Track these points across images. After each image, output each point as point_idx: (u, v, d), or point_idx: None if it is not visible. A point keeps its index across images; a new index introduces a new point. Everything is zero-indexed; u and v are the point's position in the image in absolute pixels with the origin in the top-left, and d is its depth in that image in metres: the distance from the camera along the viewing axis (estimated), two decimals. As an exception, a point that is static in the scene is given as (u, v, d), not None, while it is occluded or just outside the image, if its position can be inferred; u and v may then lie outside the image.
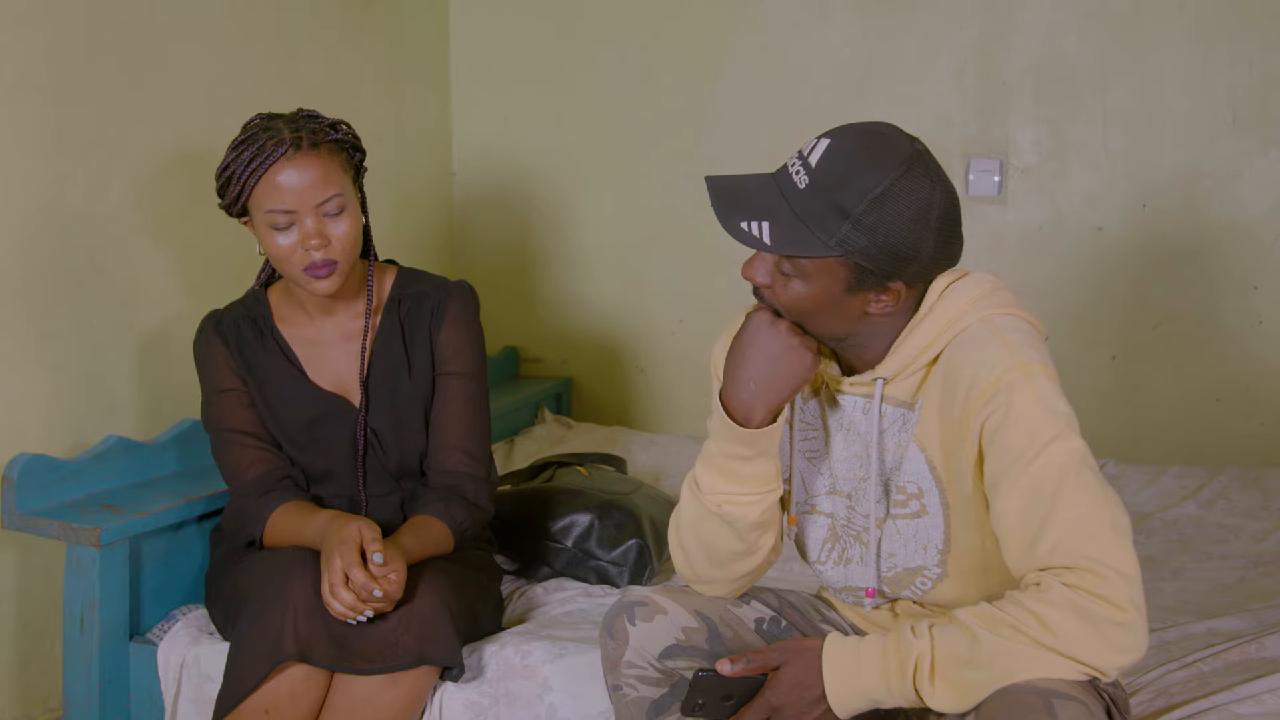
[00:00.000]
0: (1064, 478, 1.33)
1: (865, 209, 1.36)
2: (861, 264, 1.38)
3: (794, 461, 1.62)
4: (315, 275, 1.91)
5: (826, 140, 1.39)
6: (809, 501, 1.63)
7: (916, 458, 1.49)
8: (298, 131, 1.90)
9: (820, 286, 1.40)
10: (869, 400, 1.53)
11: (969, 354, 1.41)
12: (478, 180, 3.53)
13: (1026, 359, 1.38)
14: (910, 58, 3.13)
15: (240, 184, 1.90)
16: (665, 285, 3.40)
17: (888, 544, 1.55)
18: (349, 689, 1.81)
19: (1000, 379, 1.37)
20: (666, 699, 1.54)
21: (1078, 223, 3.07)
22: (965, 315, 1.44)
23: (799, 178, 1.39)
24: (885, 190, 1.36)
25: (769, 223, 1.38)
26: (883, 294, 1.42)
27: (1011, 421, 1.35)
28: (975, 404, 1.38)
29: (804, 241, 1.37)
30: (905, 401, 1.50)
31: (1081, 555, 1.30)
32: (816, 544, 1.63)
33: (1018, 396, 1.36)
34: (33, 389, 2.16)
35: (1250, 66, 2.90)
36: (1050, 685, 1.30)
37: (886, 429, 1.52)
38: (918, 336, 1.46)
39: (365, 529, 1.81)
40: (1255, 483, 2.79)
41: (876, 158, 1.37)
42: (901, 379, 1.49)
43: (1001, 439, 1.36)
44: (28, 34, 2.12)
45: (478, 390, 2.08)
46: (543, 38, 3.43)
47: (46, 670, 2.21)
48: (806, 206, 1.37)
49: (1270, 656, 1.88)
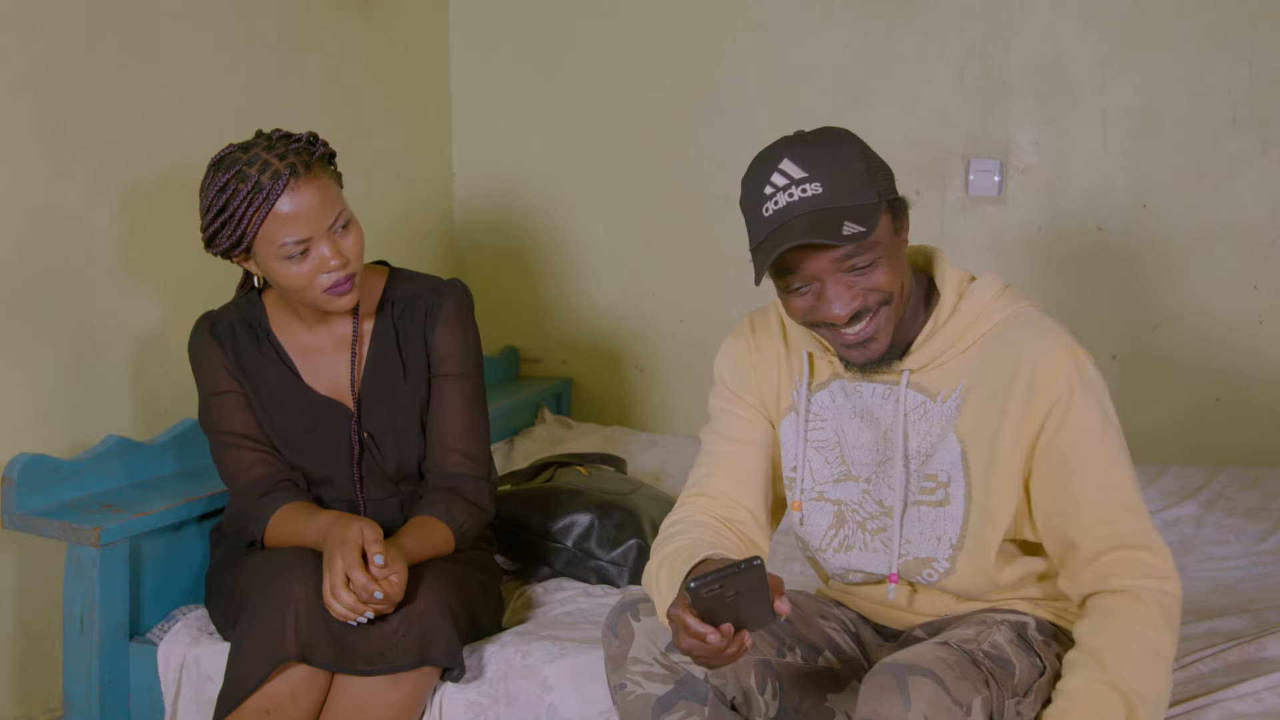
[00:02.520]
0: (1124, 460, 1.52)
1: (864, 159, 1.48)
2: (892, 198, 1.50)
3: (804, 451, 1.65)
4: (339, 293, 1.90)
5: (785, 161, 1.46)
6: (815, 489, 1.66)
7: (953, 447, 1.55)
8: (286, 157, 1.84)
9: (887, 242, 1.49)
10: (889, 387, 1.59)
11: (1020, 346, 1.52)
12: (478, 180, 3.53)
13: (1073, 345, 1.52)
14: (910, 58, 3.13)
15: (242, 224, 1.85)
16: (665, 285, 3.40)
17: (907, 530, 1.58)
18: (349, 689, 1.81)
19: (1061, 363, 1.49)
20: (672, 695, 1.54)
21: (1078, 223, 3.06)
22: (992, 311, 1.55)
23: (811, 189, 1.45)
24: (851, 144, 1.49)
25: (845, 220, 1.43)
26: (903, 217, 1.53)
27: (1076, 405, 1.49)
28: (1041, 389, 1.49)
29: (870, 212, 1.45)
30: (928, 390, 1.57)
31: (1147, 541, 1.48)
32: (820, 531, 1.66)
33: (1078, 381, 1.50)
34: (33, 389, 2.16)
35: (1250, 66, 2.90)
36: (910, 661, 1.37)
37: (910, 413, 1.57)
38: (947, 332, 1.55)
39: (367, 530, 1.81)
40: (1255, 483, 2.79)
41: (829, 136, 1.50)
42: (928, 370, 1.57)
43: (1071, 421, 1.49)
44: (27, 34, 2.12)
45: (475, 391, 2.08)
46: (543, 38, 3.43)
47: (46, 670, 2.21)
48: (842, 193, 1.45)
49: (1270, 656, 1.88)
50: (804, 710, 1.59)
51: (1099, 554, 1.48)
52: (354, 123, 3.02)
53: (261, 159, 1.84)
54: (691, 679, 1.54)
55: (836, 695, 1.61)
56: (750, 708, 1.58)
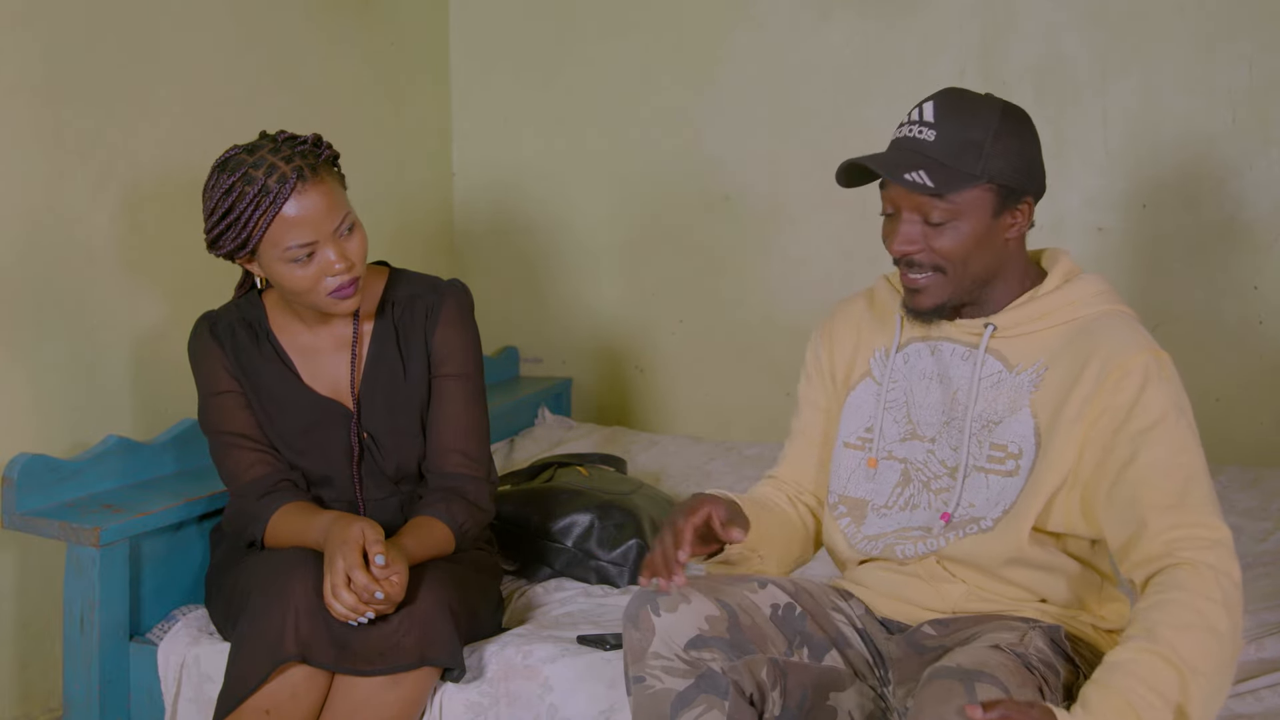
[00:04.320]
0: (1197, 450, 1.51)
1: (993, 138, 1.54)
2: (1004, 184, 1.55)
3: (880, 413, 1.71)
4: (342, 297, 1.90)
5: (929, 102, 1.58)
6: (885, 448, 1.71)
7: (1026, 420, 1.58)
8: (292, 160, 1.84)
9: (974, 219, 1.55)
10: (969, 350, 1.64)
11: (1108, 335, 1.57)
12: (478, 180, 3.53)
13: (1156, 346, 1.57)
14: (910, 58, 3.13)
15: (248, 228, 1.84)
16: (665, 285, 3.40)
17: (970, 494, 1.61)
18: (350, 690, 1.81)
19: (1140, 355, 1.53)
20: (692, 691, 1.53)
21: (1078, 223, 3.07)
22: (1092, 302, 1.61)
23: (925, 134, 1.56)
24: (1001, 120, 1.56)
25: (924, 170, 1.52)
26: (1018, 210, 1.58)
27: (1150, 392, 1.51)
28: (1114, 374, 1.52)
29: (959, 179, 1.53)
30: (1007, 359, 1.61)
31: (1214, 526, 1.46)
32: (887, 489, 1.70)
33: (1154, 373, 1.53)
34: (33, 389, 2.16)
35: (1250, 66, 2.90)
36: (974, 665, 1.36)
37: (984, 379, 1.61)
38: (1041, 304, 1.61)
39: (368, 530, 1.81)
40: (1255, 483, 2.79)
41: (982, 99, 1.59)
42: (1009, 337, 1.61)
43: (1142, 405, 1.51)
44: (27, 34, 2.12)
45: (475, 391, 2.08)
46: (543, 38, 3.44)
47: (46, 670, 2.21)
48: (945, 150, 1.54)
49: (1270, 657, 1.87)
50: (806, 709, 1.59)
51: (1163, 531, 1.47)
52: (354, 123, 3.02)
53: (268, 162, 1.83)
54: (712, 674, 1.54)
55: (839, 694, 1.61)
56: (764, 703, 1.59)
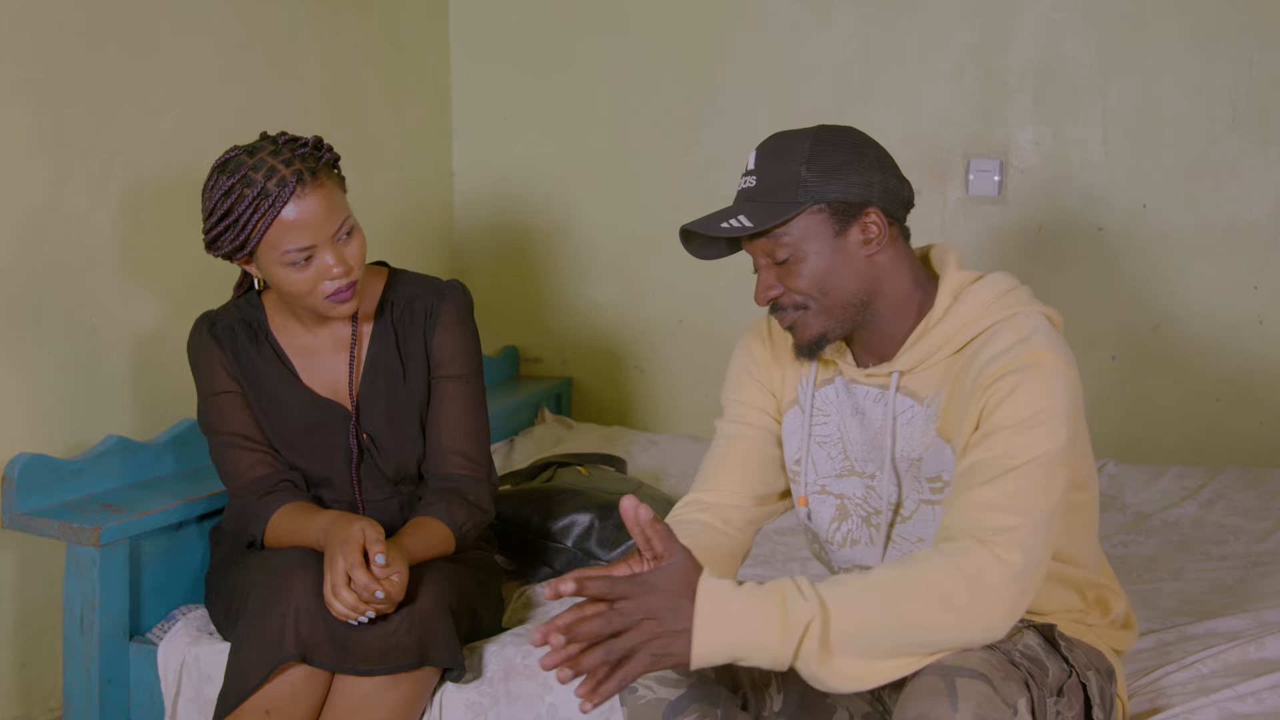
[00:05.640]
0: (1038, 461, 1.41)
1: (806, 162, 1.52)
2: (833, 200, 1.51)
3: (808, 445, 1.67)
4: (340, 300, 1.90)
5: (754, 151, 1.57)
6: (819, 483, 1.68)
7: (942, 449, 1.55)
8: (293, 164, 1.83)
9: (817, 244, 1.52)
10: (881, 391, 1.60)
11: (988, 348, 1.50)
12: (478, 180, 3.53)
13: (1037, 347, 1.46)
14: (910, 57, 3.13)
15: (246, 230, 1.83)
16: (665, 285, 3.40)
17: (919, 529, 1.59)
18: (350, 690, 1.81)
19: (1011, 363, 1.45)
20: (684, 699, 1.53)
21: (1078, 223, 3.06)
22: (982, 317, 1.53)
23: (749, 181, 1.55)
24: (813, 144, 1.53)
25: (743, 214, 1.52)
26: (868, 222, 1.53)
27: (1014, 398, 1.43)
28: (983, 383, 1.46)
29: (777, 210, 1.51)
30: (916, 394, 1.57)
31: (1012, 527, 1.37)
32: (824, 523, 1.68)
33: (1025, 378, 1.43)
34: (33, 389, 2.16)
35: (1250, 66, 2.90)
36: (956, 662, 1.35)
37: (899, 417, 1.58)
38: (936, 335, 1.55)
39: (369, 529, 1.81)
40: (1255, 483, 2.79)
41: (794, 134, 1.56)
42: (917, 373, 1.57)
43: (1001, 411, 1.43)
44: (26, 33, 2.12)
45: (475, 392, 2.07)
46: (543, 37, 3.43)
47: (46, 670, 2.21)
48: (764, 191, 1.53)
49: (1270, 657, 1.87)
50: (806, 705, 1.59)
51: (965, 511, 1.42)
52: (354, 123, 3.02)
53: (268, 164, 1.83)
54: (704, 683, 1.54)
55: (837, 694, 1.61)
56: (759, 703, 1.59)
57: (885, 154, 1.58)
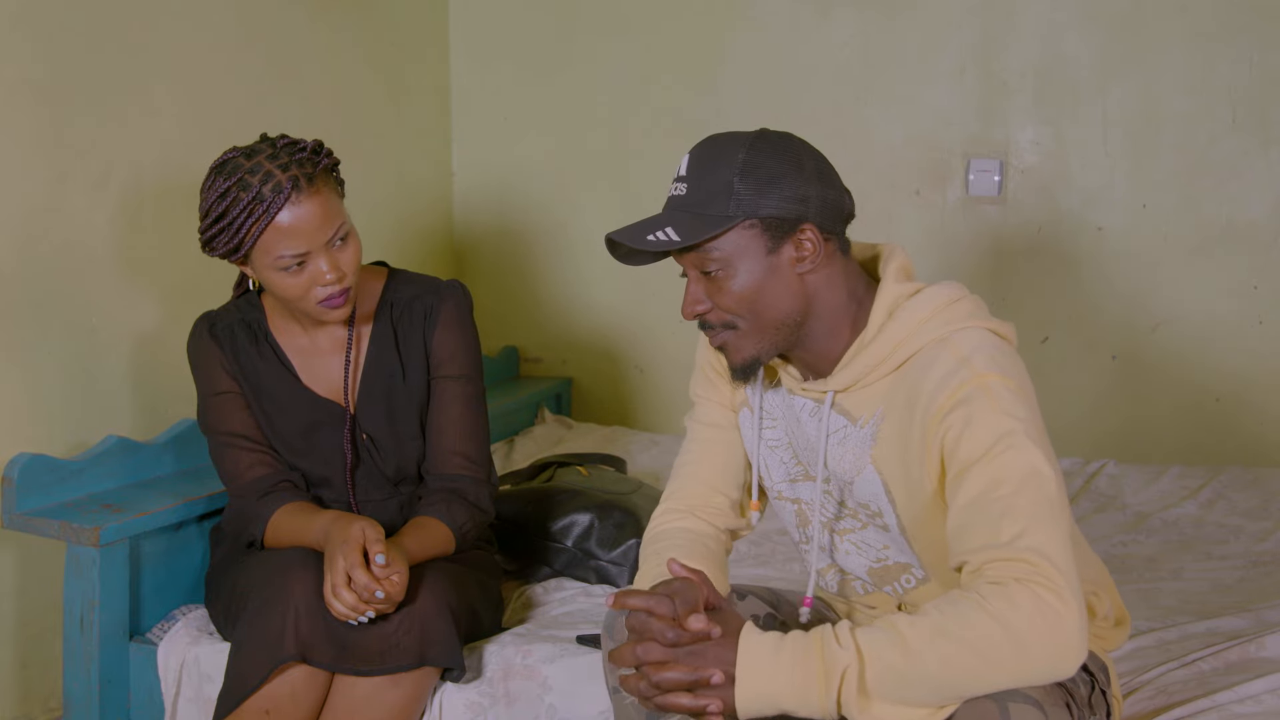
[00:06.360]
0: (1027, 479, 1.33)
1: (740, 173, 1.44)
2: (767, 216, 1.44)
3: (759, 449, 1.64)
4: (333, 306, 1.90)
5: (687, 155, 1.49)
6: (775, 488, 1.65)
7: (873, 479, 1.49)
8: (289, 169, 1.82)
9: (748, 261, 1.45)
10: (817, 405, 1.55)
11: (924, 376, 1.42)
12: (478, 180, 3.53)
13: (981, 369, 1.38)
14: (910, 57, 3.13)
15: (240, 233, 1.83)
16: (665, 285, 3.39)
17: (877, 537, 1.55)
18: (350, 690, 1.81)
19: (956, 393, 1.37)
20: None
21: (1078, 223, 3.07)
22: (918, 334, 1.45)
23: (680, 189, 1.48)
24: (748, 152, 1.45)
25: (670, 226, 1.44)
26: (802, 239, 1.45)
27: (971, 429, 1.35)
28: (934, 420, 1.39)
29: (707, 223, 1.44)
30: (850, 414, 1.51)
31: (1041, 554, 1.28)
32: (791, 528, 1.66)
33: (976, 407, 1.36)
34: (32, 389, 2.16)
35: (1250, 66, 2.90)
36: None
37: (831, 435, 1.53)
38: (868, 355, 1.47)
39: (369, 529, 1.81)
40: (1255, 483, 2.79)
41: (729, 139, 1.47)
42: (852, 392, 1.51)
43: (963, 446, 1.36)
44: (26, 33, 2.12)
45: (475, 392, 2.07)
46: (543, 37, 3.44)
47: (46, 670, 2.21)
48: (695, 201, 1.46)
49: (1270, 656, 1.88)
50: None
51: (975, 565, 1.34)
52: (354, 123, 3.02)
53: (264, 168, 1.82)
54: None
55: None
56: None
57: (825, 163, 1.49)
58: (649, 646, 1.32)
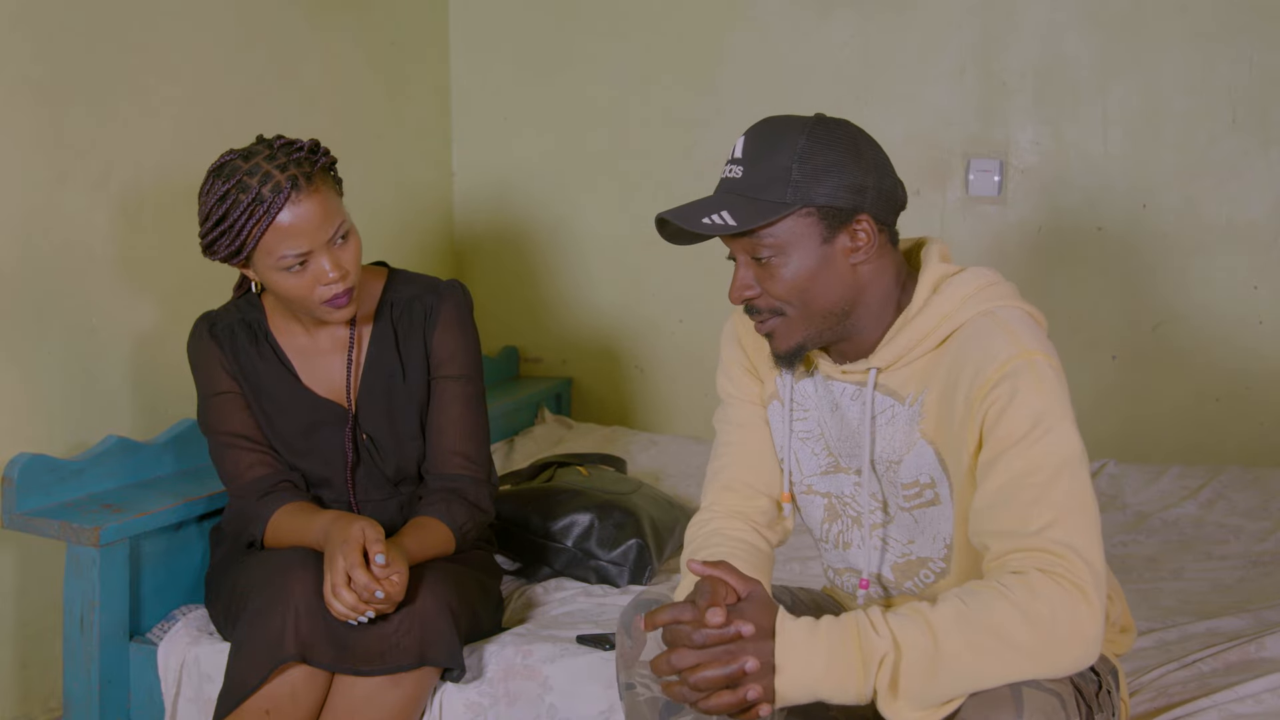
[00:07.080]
0: (1063, 467, 1.35)
1: (799, 159, 1.43)
2: (824, 205, 1.43)
3: (790, 441, 1.63)
4: (337, 305, 1.90)
5: (742, 137, 1.48)
6: (804, 481, 1.65)
7: (925, 451, 1.50)
8: (287, 169, 1.82)
9: (802, 249, 1.45)
10: (859, 388, 1.55)
11: (973, 346, 1.43)
12: (478, 180, 3.53)
13: (1030, 346, 1.41)
14: (910, 57, 3.13)
15: (241, 235, 1.83)
16: (665, 285, 3.40)
17: (903, 531, 1.56)
18: (350, 690, 1.81)
19: (1004, 366, 1.39)
20: None
21: (1078, 223, 3.06)
22: (962, 309, 1.47)
23: (735, 171, 1.47)
24: (808, 139, 1.44)
25: (727, 210, 1.44)
26: (857, 229, 1.46)
27: (1015, 406, 1.37)
28: (980, 391, 1.40)
29: (765, 210, 1.43)
30: (897, 393, 1.52)
31: (1068, 545, 1.31)
32: (816, 523, 1.66)
33: (1022, 383, 1.38)
34: (32, 389, 2.16)
35: (1250, 66, 2.90)
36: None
37: (878, 416, 1.53)
38: (913, 329, 1.49)
39: (369, 529, 1.81)
40: (1255, 483, 2.79)
41: (787, 123, 1.47)
42: (895, 369, 1.52)
43: (1004, 423, 1.38)
44: (26, 33, 2.12)
45: (475, 393, 2.07)
46: (543, 37, 3.44)
47: (46, 670, 2.21)
48: (752, 185, 1.45)
49: (1270, 656, 1.88)
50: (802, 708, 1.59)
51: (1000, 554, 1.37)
52: (353, 124, 3.02)
53: (263, 169, 1.82)
54: None
55: None
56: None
57: (881, 153, 1.50)
58: (681, 653, 1.32)
